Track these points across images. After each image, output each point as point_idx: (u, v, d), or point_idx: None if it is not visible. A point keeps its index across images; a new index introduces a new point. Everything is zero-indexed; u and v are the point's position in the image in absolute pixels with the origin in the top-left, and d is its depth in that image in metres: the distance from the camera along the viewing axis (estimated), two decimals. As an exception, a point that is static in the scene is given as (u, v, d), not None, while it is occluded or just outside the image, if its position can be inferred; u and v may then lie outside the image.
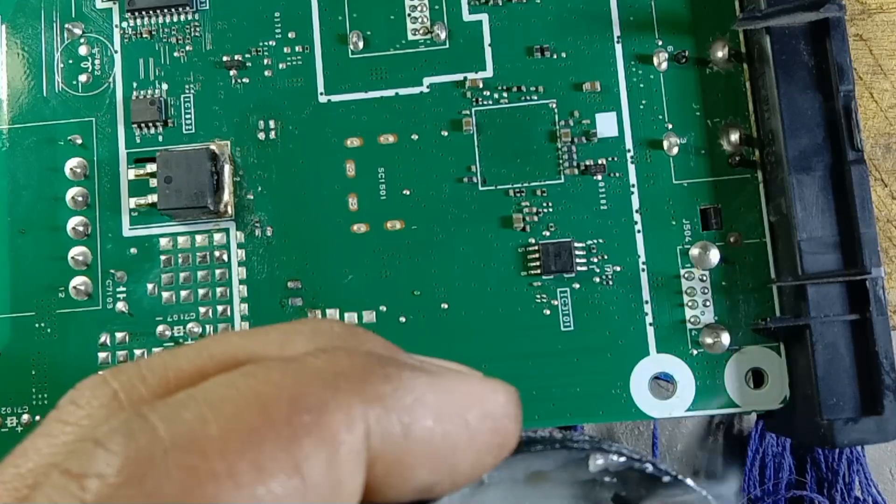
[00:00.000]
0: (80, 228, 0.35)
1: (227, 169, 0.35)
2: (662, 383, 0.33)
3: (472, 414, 0.15)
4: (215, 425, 0.13)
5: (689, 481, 0.19)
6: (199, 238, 0.35)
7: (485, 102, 0.35)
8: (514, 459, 0.18)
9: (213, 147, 0.35)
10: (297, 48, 0.36)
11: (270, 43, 0.36)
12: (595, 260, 0.34)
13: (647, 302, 0.33)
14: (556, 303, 0.34)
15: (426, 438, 0.14)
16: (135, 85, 0.36)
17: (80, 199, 0.35)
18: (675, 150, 0.34)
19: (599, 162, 0.34)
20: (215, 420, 0.13)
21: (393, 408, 0.14)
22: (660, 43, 0.35)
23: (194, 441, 0.13)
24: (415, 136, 0.35)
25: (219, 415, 0.13)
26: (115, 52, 0.36)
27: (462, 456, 0.15)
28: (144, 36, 0.36)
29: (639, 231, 0.34)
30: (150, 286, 0.35)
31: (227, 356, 0.15)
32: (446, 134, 0.35)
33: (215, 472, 0.12)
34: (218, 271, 0.35)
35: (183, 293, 0.35)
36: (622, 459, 0.19)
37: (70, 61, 0.36)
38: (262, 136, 0.35)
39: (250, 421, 0.13)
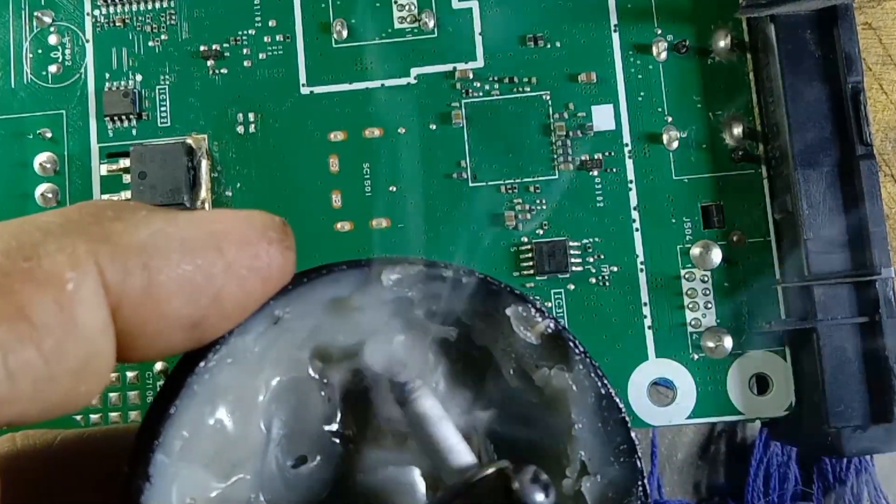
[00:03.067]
0: (50, 227, 0.34)
1: (205, 164, 0.34)
2: (662, 389, 0.33)
3: (225, 241, 0.17)
4: None
5: (492, 279, 0.20)
6: (174, 237, 0.34)
7: (475, 94, 0.34)
8: (305, 290, 0.19)
9: (189, 141, 0.34)
10: (277, 37, 0.35)
11: (250, 32, 0.35)
12: (591, 260, 0.33)
13: (645, 304, 0.33)
14: (550, 305, 0.33)
15: (173, 270, 0.16)
16: (107, 76, 0.35)
17: (49, 195, 0.35)
18: (675, 145, 0.33)
19: (596, 157, 0.34)
20: None
21: (126, 243, 0.15)
22: (659, 32, 0.34)
23: None
24: (402, 130, 0.34)
25: None
26: (87, 41, 0.36)
27: (222, 284, 0.16)
28: (117, 24, 0.36)
29: (637, 229, 0.33)
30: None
31: None
32: (435, 127, 0.34)
33: None
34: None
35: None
36: (416, 268, 0.20)
37: (39, 51, 0.36)
38: (241, 129, 0.35)
39: None
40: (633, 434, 0.20)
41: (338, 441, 0.22)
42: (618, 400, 0.20)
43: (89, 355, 0.15)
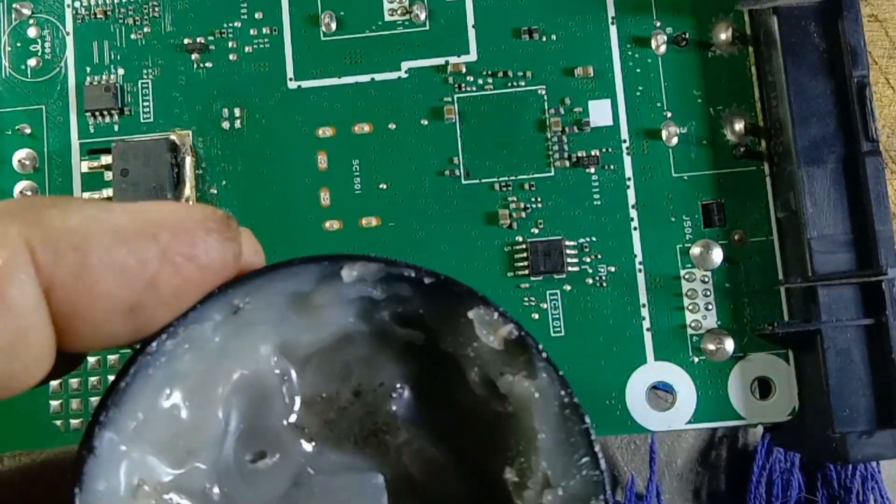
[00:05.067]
0: (29, 226, 0.34)
1: (189, 161, 0.34)
2: (661, 393, 0.33)
3: (160, 229, 0.18)
4: None
5: (455, 280, 0.20)
6: (157, 236, 0.34)
7: (468, 89, 0.34)
8: (263, 281, 0.20)
9: (173, 137, 0.34)
10: (264, 30, 0.35)
11: (235, 24, 0.35)
12: (588, 260, 0.33)
13: (644, 305, 0.33)
14: (545, 306, 0.33)
15: (104, 253, 0.17)
16: (88, 70, 0.35)
17: (28, 193, 0.34)
18: (675, 141, 0.33)
19: (592, 153, 0.33)
20: None
21: (59, 227, 0.17)
22: (658, 24, 0.34)
23: None
24: (392, 126, 0.34)
25: None
26: (67, 33, 0.35)
27: (156, 269, 0.17)
28: (99, 16, 0.35)
29: (635, 228, 0.33)
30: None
31: None
32: (426, 123, 0.34)
33: None
34: (178, 272, 0.34)
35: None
36: (376, 265, 0.20)
37: (18, 44, 0.35)
38: (226, 125, 0.34)
39: None
40: (596, 446, 0.20)
41: (298, 440, 0.22)
42: (582, 409, 0.20)
43: (20, 331, 0.16)
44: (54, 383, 0.33)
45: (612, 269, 0.33)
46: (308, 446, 0.22)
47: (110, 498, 0.19)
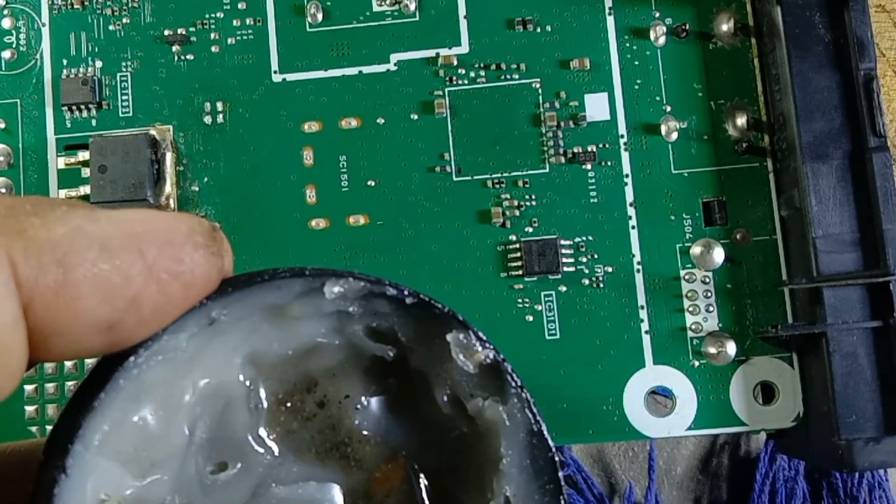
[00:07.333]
0: (3, 224, 0.34)
1: (169, 157, 0.34)
2: (660, 398, 0.33)
3: (146, 243, 0.17)
4: None
5: (436, 302, 0.21)
6: (137, 235, 0.34)
7: (460, 82, 0.34)
8: (244, 294, 0.20)
9: (153, 132, 0.34)
10: (247, 21, 0.34)
11: (218, 15, 0.34)
12: (584, 259, 0.33)
13: (642, 307, 0.32)
14: (539, 308, 0.33)
15: (88, 268, 0.16)
16: (65, 62, 0.35)
17: (3, 190, 0.34)
18: (675, 136, 0.33)
19: (589, 149, 0.33)
20: None
21: (42, 239, 0.16)
22: (657, 15, 0.33)
23: None
24: (381, 120, 0.34)
25: None
26: (43, 25, 0.35)
27: (141, 287, 0.17)
28: (76, 7, 0.35)
29: (633, 227, 0.33)
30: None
31: None
32: (416, 117, 0.34)
33: None
34: (158, 273, 0.34)
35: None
36: (360, 284, 0.20)
37: (-8, 36, 0.35)
38: (208, 119, 0.34)
39: None
40: (560, 474, 0.21)
41: (260, 450, 0.22)
42: (548, 438, 0.21)
43: None
44: (29, 388, 0.33)
45: (610, 269, 0.33)
46: (269, 456, 0.23)
47: None
